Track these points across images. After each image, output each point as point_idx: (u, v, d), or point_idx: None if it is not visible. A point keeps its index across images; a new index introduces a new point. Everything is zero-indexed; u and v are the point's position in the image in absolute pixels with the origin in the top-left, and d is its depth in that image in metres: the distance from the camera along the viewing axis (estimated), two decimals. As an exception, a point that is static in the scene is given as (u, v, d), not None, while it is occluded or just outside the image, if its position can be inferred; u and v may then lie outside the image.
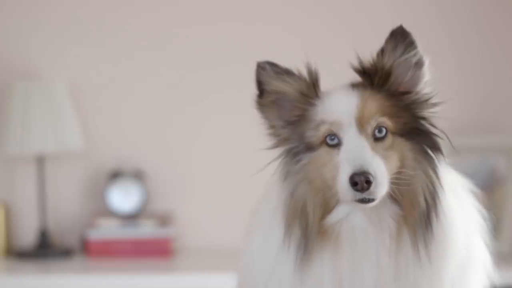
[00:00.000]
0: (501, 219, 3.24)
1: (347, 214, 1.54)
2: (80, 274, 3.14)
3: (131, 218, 3.34)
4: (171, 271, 3.18)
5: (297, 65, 1.57)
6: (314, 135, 1.54)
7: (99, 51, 3.43)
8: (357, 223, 1.53)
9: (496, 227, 3.29)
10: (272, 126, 1.59)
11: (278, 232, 1.56)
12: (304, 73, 1.56)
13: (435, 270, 1.52)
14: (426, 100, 1.56)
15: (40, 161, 3.34)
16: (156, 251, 3.30)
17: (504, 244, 3.21)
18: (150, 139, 3.45)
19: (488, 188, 3.27)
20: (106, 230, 3.31)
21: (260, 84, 1.58)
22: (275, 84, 1.57)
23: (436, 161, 1.53)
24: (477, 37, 3.45)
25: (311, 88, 1.56)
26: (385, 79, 1.55)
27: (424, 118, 1.55)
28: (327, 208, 1.54)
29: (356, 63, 1.56)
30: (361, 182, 1.46)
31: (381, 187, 1.47)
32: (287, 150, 1.57)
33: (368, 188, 1.46)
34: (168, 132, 3.46)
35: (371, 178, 1.45)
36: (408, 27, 1.55)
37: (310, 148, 1.55)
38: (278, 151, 1.59)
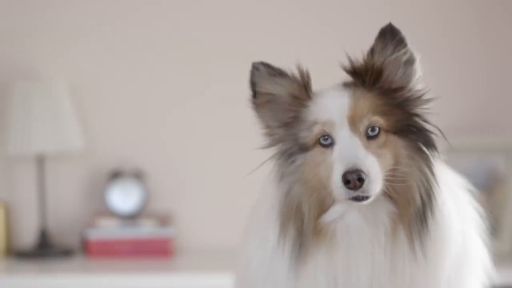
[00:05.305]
0: (501, 219, 3.24)
1: (343, 213, 1.54)
2: (80, 274, 3.14)
3: (131, 218, 3.34)
4: (171, 271, 3.18)
5: (290, 64, 1.57)
6: (307, 135, 1.55)
7: (99, 51, 3.44)
8: (352, 221, 1.54)
9: (496, 227, 3.30)
10: (267, 126, 1.60)
11: (273, 232, 1.57)
12: (296, 74, 1.57)
13: (431, 268, 1.52)
14: (419, 97, 1.56)
15: (40, 161, 3.34)
16: (156, 251, 3.30)
17: (504, 244, 3.21)
18: (150, 139, 3.45)
19: (488, 188, 3.28)
20: (106, 230, 3.31)
21: (253, 85, 1.58)
22: (267, 87, 1.57)
23: (430, 158, 1.54)
24: (477, 37, 3.45)
25: (302, 90, 1.56)
26: (377, 78, 1.55)
27: (417, 115, 1.55)
28: (322, 207, 1.55)
29: (347, 64, 1.56)
30: (353, 180, 1.46)
31: (374, 184, 1.48)
32: (282, 151, 1.58)
33: (360, 186, 1.46)
34: (168, 132, 3.46)
35: (363, 176, 1.46)
36: (404, 27, 1.55)
37: (304, 148, 1.55)
38: (273, 150, 1.59)
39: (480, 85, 3.45)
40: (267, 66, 1.57)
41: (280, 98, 1.57)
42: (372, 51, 1.55)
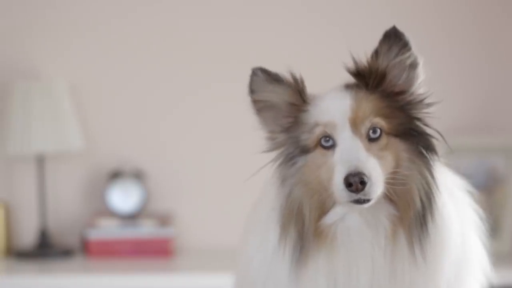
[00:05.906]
0: (501, 219, 3.24)
1: (343, 216, 1.54)
2: (80, 274, 3.14)
3: (131, 218, 3.34)
4: (171, 271, 3.18)
5: (290, 67, 1.57)
6: (308, 137, 1.55)
7: (99, 51, 3.44)
8: (353, 224, 1.53)
9: (496, 227, 3.30)
10: (270, 131, 1.60)
11: (274, 234, 1.57)
12: (291, 81, 1.56)
13: (431, 271, 1.52)
14: (421, 101, 1.56)
15: (40, 161, 3.34)
16: (156, 251, 3.30)
17: (503, 244, 3.21)
18: (150, 139, 3.46)
19: (488, 188, 3.28)
20: (106, 230, 3.31)
21: (251, 92, 1.59)
22: (264, 94, 1.57)
23: (431, 161, 1.54)
24: (477, 37, 3.45)
25: (298, 97, 1.56)
26: (380, 81, 1.55)
27: (419, 119, 1.55)
28: (323, 209, 1.54)
29: (350, 65, 1.56)
30: (355, 183, 1.46)
31: (376, 187, 1.48)
32: (283, 154, 1.57)
33: (362, 189, 1.46)
34: (168, 132, 3.46)
35: (365, 179, 1.46)
36: (404, 27, 1.54)
37: (305, 150, 1.55)
38: (274, 154, 1.59)
39: (480, 85, 3.46)
40: (264, 72, 1.57)
41: (277, 105, 1.57)
42: (376, 53, 1.54)
